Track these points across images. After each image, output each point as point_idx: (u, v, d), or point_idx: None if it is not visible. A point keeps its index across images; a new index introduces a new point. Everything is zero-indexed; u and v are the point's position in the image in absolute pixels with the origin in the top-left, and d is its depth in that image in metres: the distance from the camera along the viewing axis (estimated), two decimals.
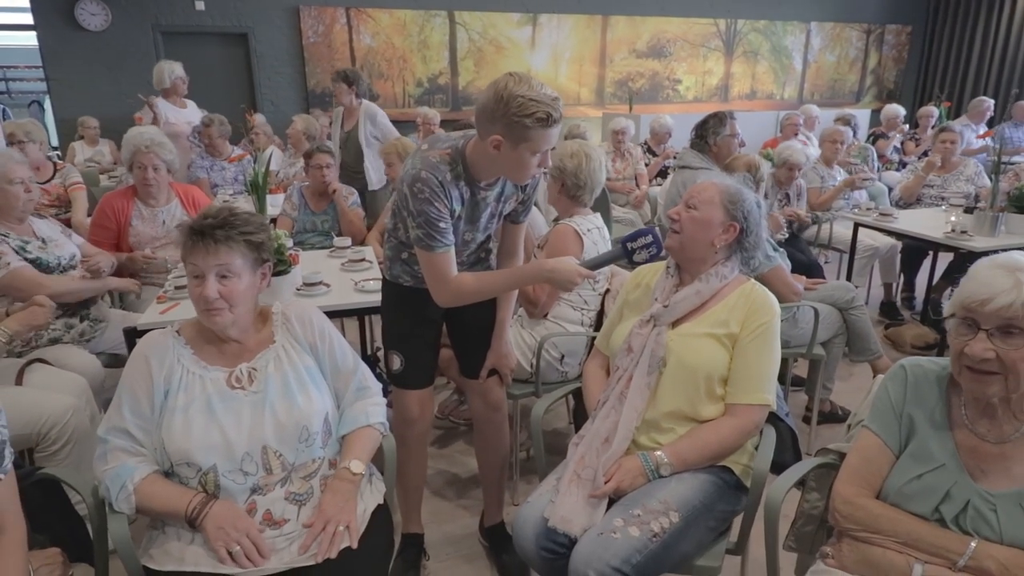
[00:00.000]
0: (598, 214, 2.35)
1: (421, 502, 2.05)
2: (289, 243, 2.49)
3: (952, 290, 1.28)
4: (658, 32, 8.46)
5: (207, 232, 1.34)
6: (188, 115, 4.75)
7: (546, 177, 2.26)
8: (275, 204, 3.66)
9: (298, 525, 1.35)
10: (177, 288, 2.35)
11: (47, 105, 7.74)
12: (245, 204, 4.03)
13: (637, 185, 5.24)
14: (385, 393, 1.64)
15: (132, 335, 2.13)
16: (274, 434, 1.37)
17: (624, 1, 8.18)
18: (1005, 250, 1.17)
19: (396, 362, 1.82)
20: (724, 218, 1.56)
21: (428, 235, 1.57)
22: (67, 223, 3.55)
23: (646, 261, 1.59)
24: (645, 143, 5.82)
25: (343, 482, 1.40)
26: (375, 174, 4.20)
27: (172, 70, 4.59)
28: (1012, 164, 4.64)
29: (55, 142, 6.82)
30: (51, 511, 1.45)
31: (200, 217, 1.39)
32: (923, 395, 1.26)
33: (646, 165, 5.48)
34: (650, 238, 1.56)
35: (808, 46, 9.19)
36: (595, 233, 2.30)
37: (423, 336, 1.85)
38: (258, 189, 2.60)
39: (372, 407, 1.53)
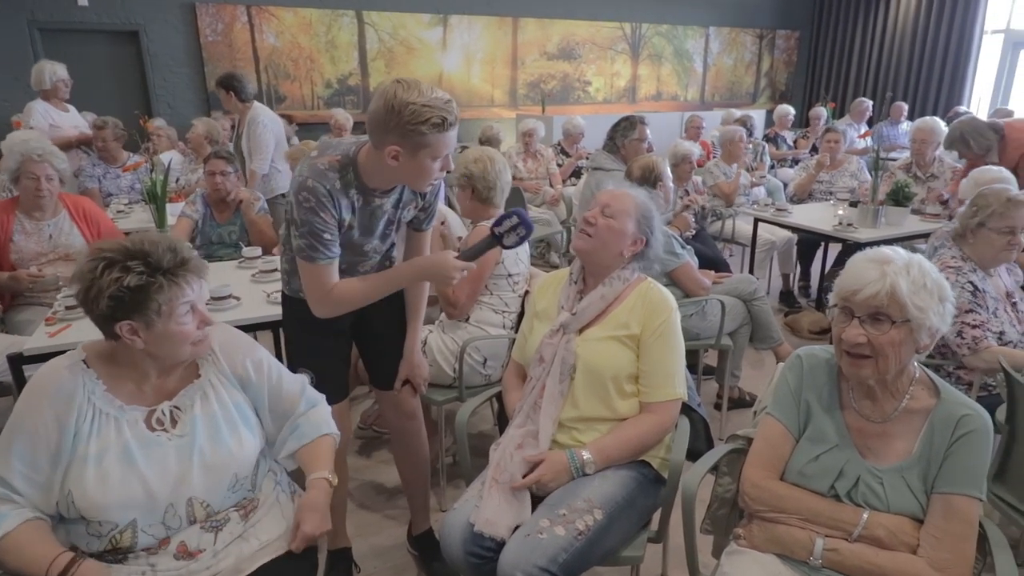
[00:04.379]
0: None
1: (346, 515, 2.01)
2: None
3: None
4: (567, 35, 8.64)
5: (185, 266, 1.24)
6: (73, 119, 4.40)
7: (453, 190, 2.24)
8: (175, 214, 3.46)
9: (216, 551, 1.27)
10: (68, 308, 2.16)
11: None
12: (142, 214, 3.80)
13: (551, 184, 5.34)
14: None
15: (17, 362, 1.96)
16: (202, 484, 1.27)
17: (533, 3, 8.30)
18: (886, 240, 1.29)
19: (306, 380, 1.76)
20: (636, 231, 1.65)
21: (311, 246, 1.51)
22: None
23: (516, 243, 1.59)
24: (559, 144, 5.93)
25: (320, 493, 1.34)
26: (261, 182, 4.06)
27: (54, 71, 4.21)
28: (891, 160, 5.07)
29: None
30: None
31: (156, 260, 1.21)
32: (817, 381, 1.37)
33: (559, 166, 5.58)
34: (515, 219, 1.54)
35: (707, 50, 9.65)
36: None
37: (332, 350, 1.78)
38: (156, 199, 2.44)
39: (327, 415, 1.50)
